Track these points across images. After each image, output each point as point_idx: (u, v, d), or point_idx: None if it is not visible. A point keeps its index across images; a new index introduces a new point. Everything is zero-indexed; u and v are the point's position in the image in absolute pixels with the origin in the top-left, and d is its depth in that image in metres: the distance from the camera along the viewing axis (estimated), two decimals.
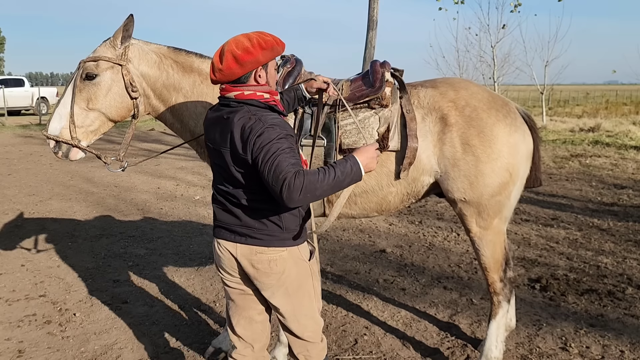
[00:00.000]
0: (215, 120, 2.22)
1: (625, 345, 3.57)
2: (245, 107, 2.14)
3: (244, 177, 2.14)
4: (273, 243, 2.23)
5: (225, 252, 2.30)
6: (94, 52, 2.89)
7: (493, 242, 3.05)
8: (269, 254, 2.23)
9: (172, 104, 3.03)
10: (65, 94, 2.88)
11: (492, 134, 2.88)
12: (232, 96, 2.17)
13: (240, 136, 2.07)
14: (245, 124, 2.07)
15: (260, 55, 2.14)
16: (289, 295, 2.32)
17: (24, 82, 26.26)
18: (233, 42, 2.15)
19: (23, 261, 5.21)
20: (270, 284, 2.28)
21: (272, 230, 2.22)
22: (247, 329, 2.44)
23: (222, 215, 2.30)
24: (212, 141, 2.23)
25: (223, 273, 2.38)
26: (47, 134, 2.85)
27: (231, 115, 2.13)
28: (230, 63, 2.12)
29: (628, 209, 7.36)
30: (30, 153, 13.01)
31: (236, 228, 2.25)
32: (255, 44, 2.13)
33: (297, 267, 2.30)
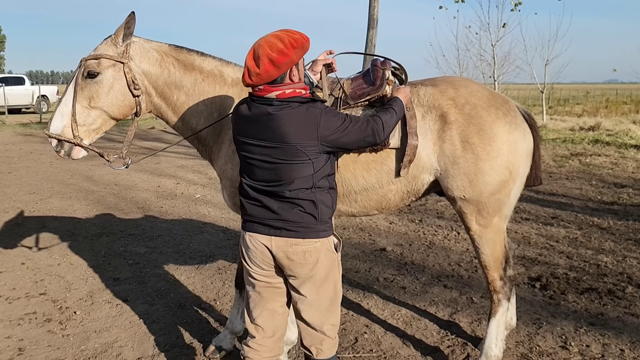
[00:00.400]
0: (257, 117, 2.27)
1: (626, 344, 3.57)
2: (291, 104, 2.24)
3: (292, 168, 2.25)
4: (308, 235, 2.32)
5: (258, 246, 2.36)
6: (95, 50, 2.87)
7: (493, 240, 3.05)
8: (304, 246, 2.32)
9: (173, 102, 3.02)
10: (66, 92, 2.86)
11: (491, 132, 2.88)
12: (273, 96, 2.25)
13: (299, 129, 2.21)
14: (302, 118, 2.21)
15: (294, 55, 2.24)
16: (317, 286, 2.40)
17: (25, 80, 26.25)
18: (266, 45, 2.21)
19: (23, 259, 5.21)
20: (303, 274, 2.37)
21: (307, 222, 2.32)
22: (269, 320, 2.51)
23: (255, 210, 2.36)
24: (252, 137, 2.28)
25: (252, 266, 2.43)
26: (49, 133, 2.84)
27: (279, 112, 2.22)
28: (268, 66, 2.19)
29: (628, 207, 7.36)
30: (30, 151, 13.02)
31: (271, 222, 2.32)
32: (287, 45, 2.22)
33: (327, 259, 2.40)
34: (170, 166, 10.88)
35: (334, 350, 2.55)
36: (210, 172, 10.05)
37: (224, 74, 3.06)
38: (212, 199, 7.95)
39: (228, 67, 3.10)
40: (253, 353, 2.51)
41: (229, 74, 3.07)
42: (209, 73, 3.04)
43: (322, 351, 2.51)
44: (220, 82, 3.04)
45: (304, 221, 2.31)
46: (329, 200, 2.39)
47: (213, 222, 6.70)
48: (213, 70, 3.05)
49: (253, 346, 2.51)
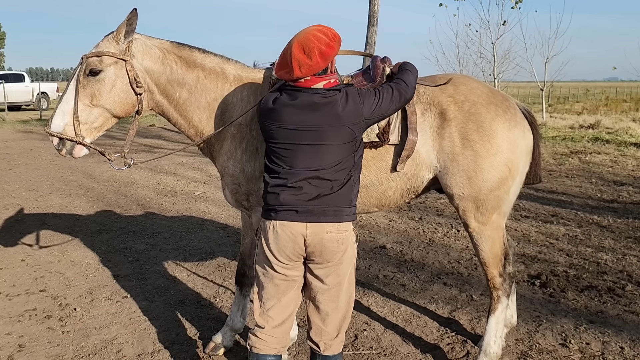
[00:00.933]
0: (307, 104, 2.39)
1: (625, 342, 3.57)
2: (337, 92, 2.41)
3: (340, 147, 2.40)
4: (343, 218, 2.44)
5: (291, 235, 2.40)
6: (96, 47, 2.84)
7: (492, 237, 3.05)
8: (338, 234, 2.42)
9: (176, 100, 3.01)
10: (67, 90, 2.83)
11: (491, 129, 2.88)
12: (320, 86, 2.40)
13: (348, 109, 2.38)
14: (349, 100, 2.40)
15: (337, 49, 2.42)
16: (341, 276, 2.49)
17: (24, 77, 26.23)
18: (315, 39, 2.35)
19: (23, 256, 5.21)
20: (332, 263, 2.45)
21: (344, 203, 2.44)
22: (281, 311, 2.53)
23: (291, 198, 2.41)
24: (301, 123, 2.38)
25: (278, 258, 2.45)
26: (50, 131, 2.81)
27: (331, 99, 2.39)
28: (319, 58, 2.34)
29: (628, 205, 7.36)
30: (30, 148, 13.01)
31: (310, 207, 2.40)
32: (332, 39, 2.39)
33: (352, 250, 2.52)
34: (170, 163, 10.87)
35: (341, 347, 2.59)
36: (210, 170, 10.04)
37: (226, 71, 3.05)
38: (212, 196, 7.95)
39: (229, 64, 3.09)
40: (261, 343, 2.53)
41: (231, 71, 3.06)
42: (211, 70, 3.03)
43: (330, 347, 2.54)
44: (222, 79, 3.03)
45: (341, 203, 2.42)
46: (358, 183, 2.55)
47: (213, 219, 6.70)
48: (215, 68, 3.04)
49: (261, 336, 2.53)
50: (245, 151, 2.94)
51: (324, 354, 2.55)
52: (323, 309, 2.52)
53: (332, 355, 2.56)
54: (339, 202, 2.42)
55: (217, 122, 3.03)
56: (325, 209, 2.40)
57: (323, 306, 2.52)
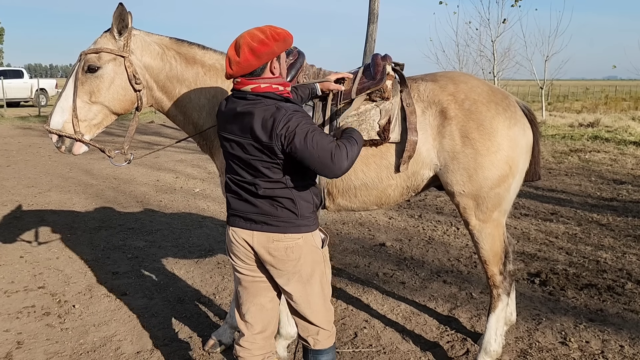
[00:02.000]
0: (232, 112, 2.27)
1: (625, 340, 3.57)
2: (264, 100, 2.21)
3: (263, 165, 2.22)
4: (289, 230, 2.30)
5: (240, 240, 2.35)
6: (94, 43, 2.82)
7: (492, 235, 3.04)
8: (286, 242, 2.30)
9: (175, 96, 2.99)
10: (66, 86, 2.81)
11: (491, 127, 2.87)
12: (248, 89, 2.24)
13: (263, 126, 2.15)
14: (267, 115, 2.15)
15: (275, 47, 2.23)
16: (302, 282, 2.39)
17: (23, 73, 26.16)
18: (248, 36, 2.23)
19: (22, 253, 5.20)
20: (286, 271, 2.35)
21: (288, 217, 2.30)
22: (257, 316, 2.49)
23: (237, 204, 2.35)
24: (229, 132, 2.27)
25: (236, 261, 2.42)
26: (49, 128, 2.78)
27: (250, 108, 2.20)
28: (248, 55, 2.19)
29: (627, 204, 7.36)
30: (29, 145, 12.98)
31: (252, 216, 2.32)
32: (269, 36, 2.22)
33: (311, 254, 2.38)
34: (169, 160, 10.85)
35: (331, 341, 2.56)
36: (209, 167, 10.03)
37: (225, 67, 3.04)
38: (211, 193, 7.93)
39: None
40: (244, 352, 2.50)
41: None
42: (211, 67, 3.01)
43: (318, 342, 2.52)
44: (221, 76, 3.01)
45: (284, 216, 2.29)
46: (308, 195, 2.36)
47: (212, 216, 6.69)
48: (215, 64, 3.02)
49: (244, 344, 2.50)
50: None
51: (315, 349, 2.53)
52: (298, 310, 2.46)
53: (322, 349, 2.53)
54: (281, 215, 2.29)
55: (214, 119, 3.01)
56: (266, 219, 2.29)
57: (297, 307, 2.46)
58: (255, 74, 2.24)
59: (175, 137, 14.54)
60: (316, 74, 3.02)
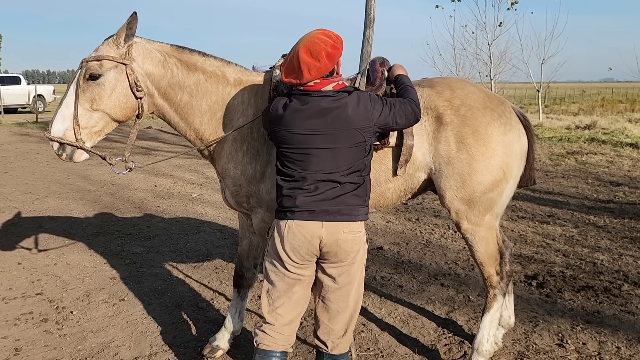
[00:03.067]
0: (315, 108, 2.42)
1: (622, 342, 3.59)
2: (345, 94, 2.45)
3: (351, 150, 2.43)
4: (357, 217, 2.48)
5: (307, 234, 2.42)
6: (96, 50, 2.82)
7: (486, 238, 3.06)
8: (353, 234, 2.46)
9: (177, 103, 3.00)
10: (67, 94, 2.81)
11: (486, 133, 2.90)
12: (330, 88, 2.44)
13: (358, 113, 2.42)
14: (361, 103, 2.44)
15: (341, 50, 2.46)
16: (351, 275, 2.53)
17: (21, 79, 26.15)
18: (320, 42, 2.40)
19: (20, 259, 5.19)
20: (345, 262, 2.49)
21: (358, 203, 2.49)
22: (290, 309, 2.56)
23: (306, 199, 2.44)
24: (311, 127, 2.41)
25: (292, 258, 2.47)
26: (50, 136, 2.78)
27: (340, 101, 2.43)
28: (326, 60, 2.38)
29: (624, 206, 7.39)
30: (26, 151, 12.97)
31: (326, 207, 2.43)
32: (335, 41, 2.44)
33: (363, 251, 2.56)
34: (167, 165, 10.85)
35: (347, 346, 2.62)
36: (207, 172, 10.03)
37: (226, 74, 3.05)
38: (209, 199, 7.94)
39: (230, 67, 3.10)
40: (269, 340, 2.55)
41: (231, 74, 3.06)
42: (212, 73, 3.03)
43: (337, 346, 2.57)
44: (223, 82, 3.03)
45: (355, 203, 2.47)
46: (370, 184, 2.58)
47: (210, 221, 6.70)
48: (215, 71, 3.04)
49: (270, 333, 2.55)
50: (246, 153, 2.96)
51: (332, 353, 2.57)
52: (333, 307, 2.55)
53: (339, 354, 2.58)
54: (353, 202, 2.46)
55: (217, 125, 3.04)
56: (340, 208, 2.44)
57: (333, 305, 2.55)
58: (329, 75, 2.45)
59: (174, 143, 14.56)
60: None
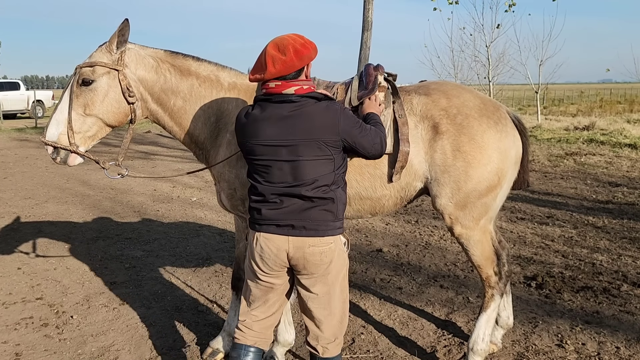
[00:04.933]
0: (276, 116, 2.31)
1: (621, 342, 3.59)
2: (311, 100, 2.32)
3: (314, 164, 2.31)
4: (326, 233, 2.38)
5: (273, 247, 2.39)
6: (90, 57, 2.88)
7: (481, 241, 3.07)
8: (321, 247, 2.38)
9: (170, 108, 3.04)
10: (62, 99, 2.88)
11: (482, 141, 2.91)
12: (291, 91, 2.32)
13: (321, 122, 2.28)
14: (327, 113, 2.30)
15: (312, 52, 2.36)
16: (328, 285, 2.47)
17: (20, 85, 26.20)
18: (290, 39, 2.33)
19: (19, 264, 5.20)
20: (318, 275, 2.43)
21: (326, 219, 2.38)
22: (265, 311, 2.58)
23: (272, 212, 2.38)
24: (273, 137, 2.30)
25: (262, 268, 2.46)
26: (45, 140, 2.84)
27: (301, 109, 2.29)
28: (293, 55, 2.28)
29: (623, 206, 7.40)
30: (26, 156, 12.99)
31: (291, 222, 2.36)
32: (307, 42, 2.36)
33: (339, 258, 2.47)
34: (166, 170, 10.87)
35: (339, 349, 2.60)
36: (206, 176, 10.03)
37: (221, 79, 3.08)
38: (208, 202, 7.95)
39: (224, 71, 3.12)
40: (239, 334, 2.60)
41: (225, 79, 3.09)
42: (206, 78, 3.06)
43: (327, 350, 2.56)
44: (217, 87, 3.05)
45: (323, 219, 2.36)
46: (344, 197, 2.47)
47: (209, 225, 6.70)
48: (209, 75, 3.07)
49: (241, 328, 2.59)
50: (240, 157, 2.96)
51: (323, 357, 2.57)
52: (316, 315, 2.52)
53: (331, 357, 2.57)
54: (320, 218, 2.36)
55: (212, 129, 3.06)
56: (305, 223, 2.35)
57: (315, 313, 2.52)
58: (291, 77, 2.32)
59: (173, 147, 14.56)
60: None
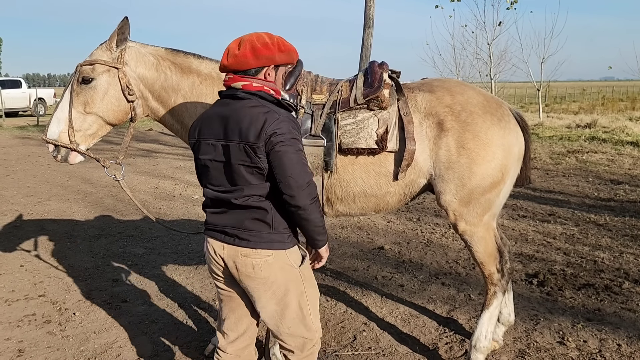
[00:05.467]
0: (219, 114, 2.21)
1: (622, 339, 3.59)
2: (254, 99, 2.17)
3: (246, 170, 2.14)
4: (260, 245, 2.21)
5: (213, 253, 2.32)
6: (90, 55, 2.90)
7: (484, 237, 3.08)
8: (254, 258, 2.21)
9: (171, 106, 3.04)
10: (63, 97, 2.90)
11: (486, 138, 2.93)
12: (239, 86, 2.19)
13: (252, 124, 2.09)
14: (258, 114, 2.10)
15: (276, 55, 2.21)
16: (276, 300, 2.30)
17: (21, 83, 26.20)
18: (254, 35, 2.21)
19: (22, 261, 5.21)
20: (256, 288, 2.28)
21: (260, 229, 2.21)
22: (233, 326, 2.46)
23: (212, 216, 2.31)
24: (214, 136, 2.19)
25: (212, 273, 2.40)
26: (46, 138, 2.88)
27: (240, 106, 2.16)
28: (248, 51, 2.16)
29: (624, 204, 7.39)
30: (28, 154, 13.01)
31: (225, 228, 2.26)
32: (275, 43, 2.21)
33: (284, 273, 2.27)
34: (168, 167, 10.88)
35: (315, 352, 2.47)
36: None
37: (222, 76, 3.06)
38: None
39: None
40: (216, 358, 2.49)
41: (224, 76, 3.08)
42: (207, 75, 3.05)
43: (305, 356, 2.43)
44: (218, 84, 3.05)
45: (257, 228, 2.20)
46: (276, 212, 2.23)
47: None
48: (211, 73, 3.06)
49: (217, 352, 2.49)
50: None
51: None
52: (272, 330, 2.39)
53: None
54: (253, 228, 2.20)
55: None
56: (238, 232, 2.21)
57: (271, 327, 2.39)
58: (249, 73, 2.20)
59: (174, 145, 14.56)
60: (313, 81, 3.06)
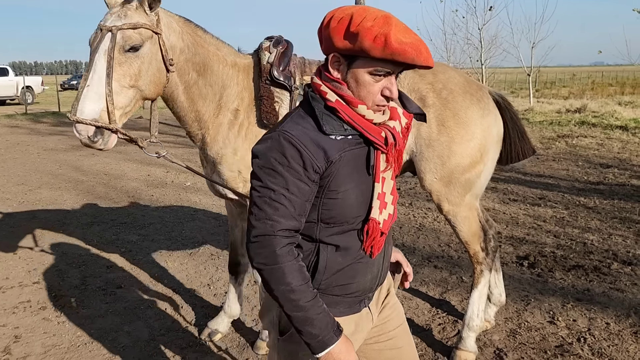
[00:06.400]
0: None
1: (611, 318, 3.67)
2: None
3: None
4: None
5: None
6: (126, 17, 2.42)
7: (467, 217, 3.13)
8: None
9: (187, 81, 2.75)
10: (95, 69, 2.35)
11: (466, 116, 2.98)
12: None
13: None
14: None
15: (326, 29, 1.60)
16: None
17: (8, 71, 25.83)
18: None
19: (15, 249, 5.20)
20: None
21: None
22: None
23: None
24: None
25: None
26: (81, 119, 2.30)
27: None
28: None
29: (613, 187, 7.48)
30: (17, 143, 12.89)
31: None
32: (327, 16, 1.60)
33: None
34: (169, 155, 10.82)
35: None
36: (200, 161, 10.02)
37: (226, 55, 2.91)
38: (202, 187, 7.95)
39: (225, 47, 2.94)
40: None
41: (228, 55, 2.92)
42: (213, 52, 2.85)
43: None
44: (222, 62, 2.86)
45: None
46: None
47: (204, 209, 6.72)
48: (215, 50, 2.86)
49: None
50: (245, 139, 2.87)
51: None
52: None
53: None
54: None
55: (215, 107, 2.87)
56: None
57: None
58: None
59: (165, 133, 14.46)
60: (301, 64, 3.03)
